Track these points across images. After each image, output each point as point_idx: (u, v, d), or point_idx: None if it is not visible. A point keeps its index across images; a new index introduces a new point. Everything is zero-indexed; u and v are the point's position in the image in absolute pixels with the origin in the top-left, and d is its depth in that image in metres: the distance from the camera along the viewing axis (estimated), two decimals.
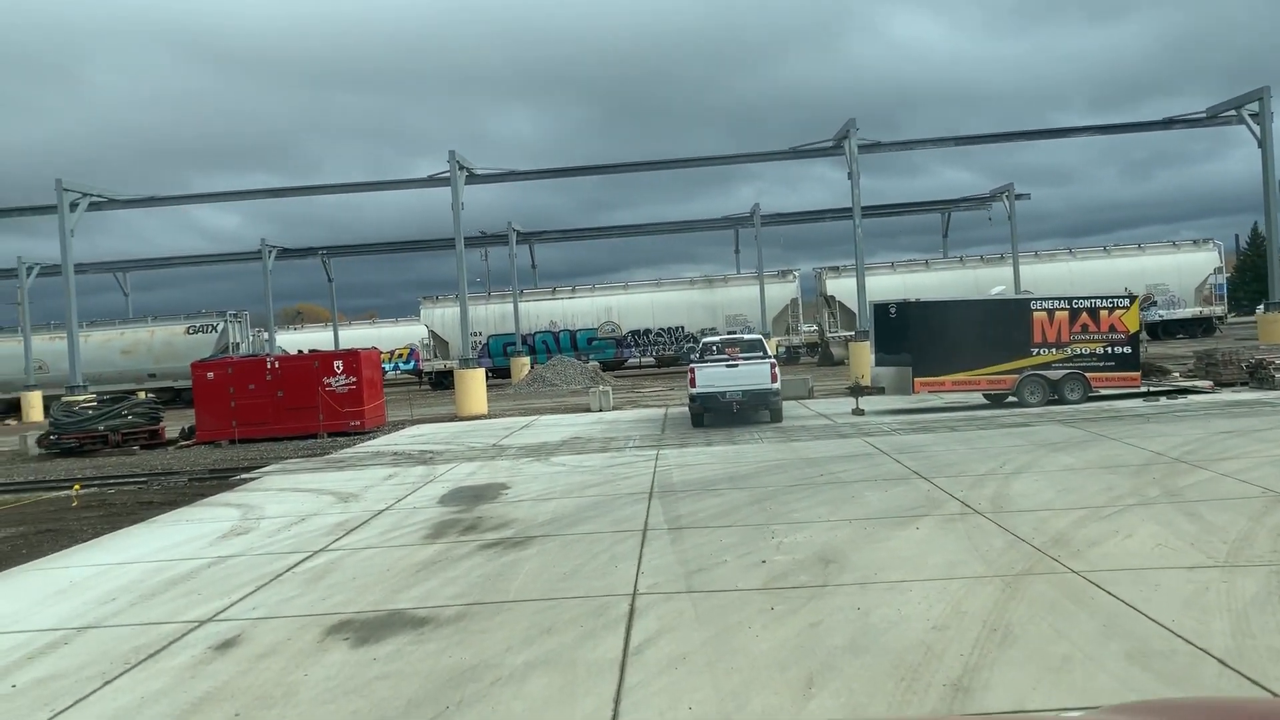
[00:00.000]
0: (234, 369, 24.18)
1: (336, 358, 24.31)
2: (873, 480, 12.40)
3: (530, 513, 11.52)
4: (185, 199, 30.20)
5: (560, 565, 8.78)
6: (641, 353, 46.50)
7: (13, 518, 14.03)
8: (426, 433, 23.63)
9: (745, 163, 30.47)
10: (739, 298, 45.39)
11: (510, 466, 15.95)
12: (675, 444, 17.58)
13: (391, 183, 29.96)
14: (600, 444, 18.40)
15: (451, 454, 18.48)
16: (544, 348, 46.42)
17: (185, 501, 14.57)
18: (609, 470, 14.66)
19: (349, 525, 11.50)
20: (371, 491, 14.16)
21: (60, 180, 26.86)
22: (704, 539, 9.51)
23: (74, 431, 23.37)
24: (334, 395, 23.96)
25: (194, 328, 45.84)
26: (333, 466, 17.75)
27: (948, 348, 20.23)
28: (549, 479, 14.19)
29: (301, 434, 23.79)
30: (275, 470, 17.92)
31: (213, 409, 24.03)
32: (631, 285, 46.62)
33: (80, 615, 8.12)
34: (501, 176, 29.52)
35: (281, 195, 30.36)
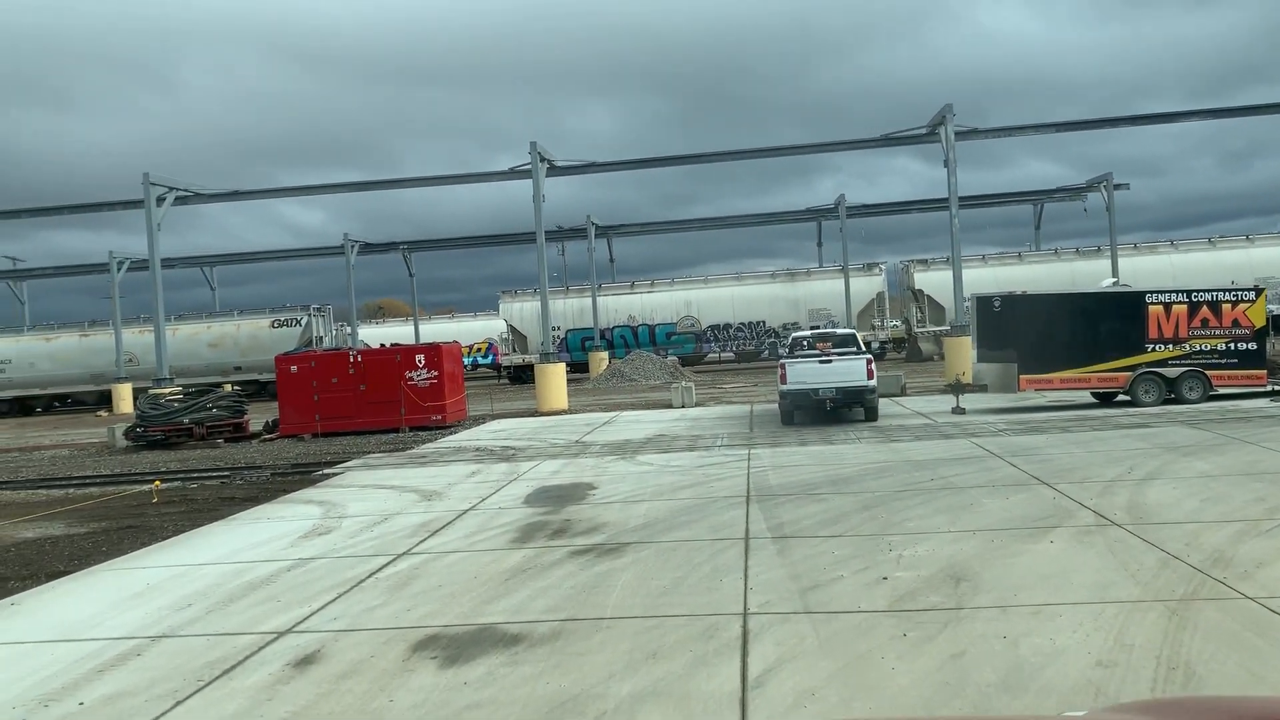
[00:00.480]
0: (317, 363, 24.05)
1: (418, 351, 24.01)
2: (989, 486, 11.48)
3: (621, 516, 10.87)
4: (268, 193, 30.31)
5: (659, 577, 8.10)
6: (721, 348, 45.67)
7: (96, 513, 13.86)
8: (507, 428, 23.19)
9: (832, 151, 29.49)
10: (822, 292, 44.26)
11: (595, 465, 15.34)
12: (767, 443, 16.79)
13: (473, 175, 29.64)
14: (687, 442, 17.70)
15: (534, 450, 17.96)
16: (622, 342, 45.88)
17: (267, 498, 14.26)
18: (700, 471, 13.96)
19: (433, 526, 10.99)
20: (455, 490, 13.67)
21: (147, 175, 27.08)
22: (813, 550, 8.75)
23: (159, 424, 23.47)
24: (416, 389, 23.67)
25: (279, 321, 46.31)
26: (415, 462, 17.36)
27: (1056, 343, 19.07)
28: (637, 479, 13.53)
29: (383, 428, 23.56)
30: (357, 465, 17.60)
31: (296, 403, 23.93)
32: (711, 279, 45.80)
33: (155, 622, 7.69)
34: (581, 168, 28.97)
35: (360, 189, 30.28)
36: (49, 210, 30.91)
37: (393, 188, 30.53)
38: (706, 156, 30.07)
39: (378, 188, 30.54)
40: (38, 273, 51.58)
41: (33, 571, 10.18)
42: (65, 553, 11.15)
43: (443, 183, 30.67)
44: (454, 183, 30.59)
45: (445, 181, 30.68)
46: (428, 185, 30.56)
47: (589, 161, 28.87)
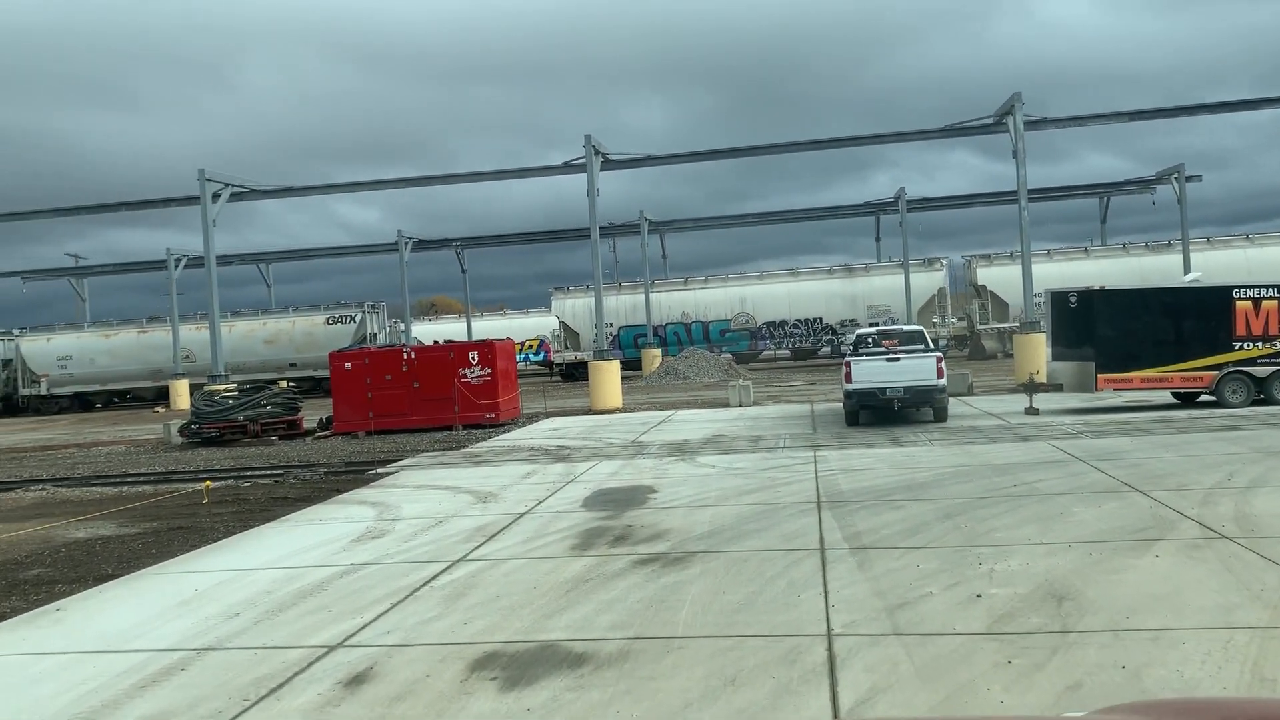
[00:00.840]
0: (370, 360, 23.83)
1: (472, 348, 23.69)
2: (1078, 493, 10.76)
3: (685, 522, 10.33)
4: (321, 189, 30.23)
5: (731, 591, 7.56)
6: (777, 345, 44.92)
7: (148, 512, 13.64)
8: (561, 426, 22.77)
9: (894, 143, 28.67)
10: (881, 288, 43.30)
11: (654, 467, 14.82)
12: (832, 445, 16.15)
13: (527, 170, 29.31)
14: (748, 443, 17.12)
15: (589, 450, 17.49)
16: (675, 339, 45.32)
17: (320, 498, 13.94)
18: (764, 474, 13.37)
19: (489, 530, 10.55)
20: (510, 491, 13.23)
21: (203, 170, 27.10)
22: (896, 563, 8.14)
23: (214, 421, 23.40)
24: (469, 386, 23.34)
25: (333, 318, 46.45)
26: (469, 462, 16.98)
27: (1137, 341, 18.17)
28: (699, 483, 12.99)
29: (436, 426, 23.27)
30: (411, 464, 17.27)
31: (350, 400, 23.73)
32: (766, 275, 45.03)
33: (201, 633, 7.32)
34: (636, 162, 28.47)
35: (412, 185, 30.05)
36: (107, 207, 31.18)
37: (446, 183, 30.31)
38: (763, 149, 29.41)
39: (430, 183, 30.32)
40: (97, 270, 52.36)
41: (81, 574, 9.91)
42: (115, 554, 10.89)
43: (496, 177, 30.37)
44: (508, 177, 30.28)
45: (499, 176, 30.38)
46: (481, 180, 30.28)
47: (643, 155, 28.37)
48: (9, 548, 11.70)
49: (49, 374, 47.37)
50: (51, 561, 10.73)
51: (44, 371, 47.40)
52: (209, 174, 27.40)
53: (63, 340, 47.54)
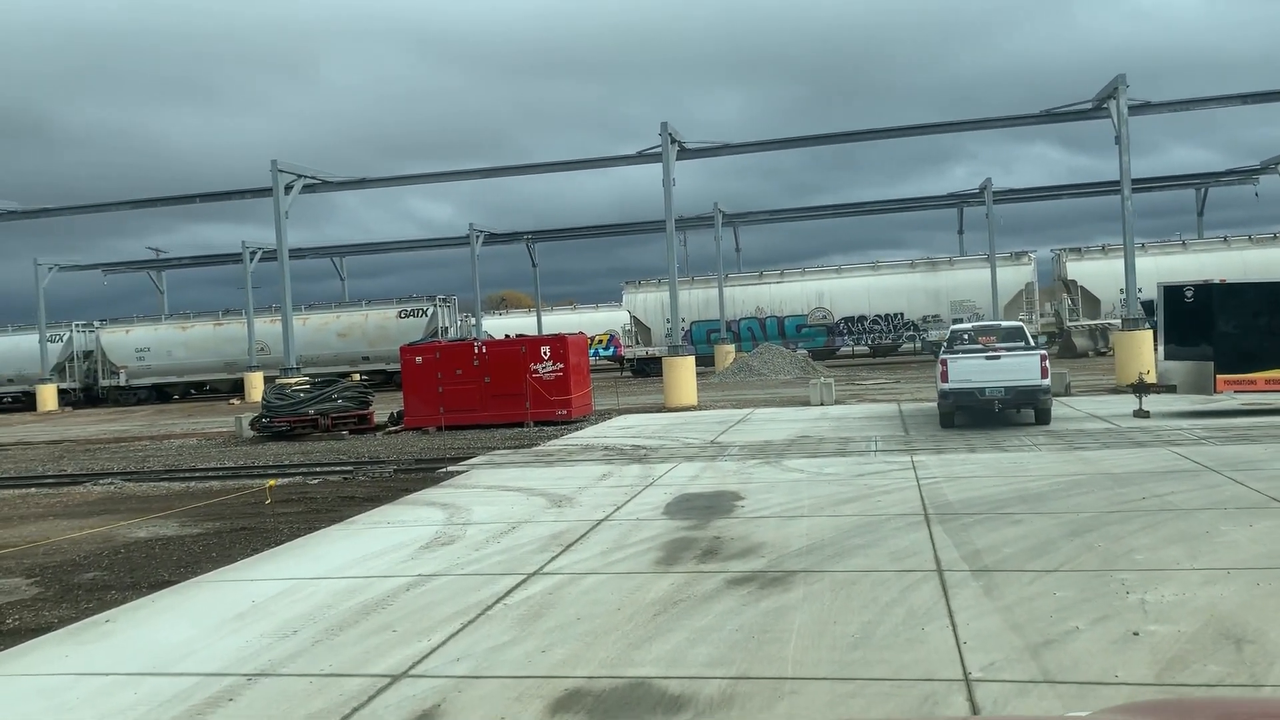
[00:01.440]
0: (441, 354, 23.30)
1: (543, 343, 23.02)
2: (1221, 509, 9.61)
3: (779, 535, 9.43)
4: (392, 180, 29.86)
5: (842, 620, 6.65)
6: (855, 341, 43.56)
7: (213, 511, 13.15)
8: (635, 424, 21.98)
9: (984, 129, 27.28)
10: (965, 282, 41.68)
11: (737, 470, 13.93)
12: (929, 448, 15.08)
13: (601, 160, 28.58)
14: (836, 445, 16.12)
15: (667, 451, 16.66)
16: (749, 335, 44.26)
17: (388, 498, 13.33)
18: (860, 481, 12.39)
19: (565, 539, 9.77)
20: (586, 495, 12.46)
21: (275, 161, 26.88)
22: (1028, 590, 7.16)
23: (285, 415, 23.09)
24: (541, 382, 22.67)
25: (405, 312, 46.33)
26: (541, 461, 16.27)
27: (1261, 338, 16.75)
28: (789, 489, 12.06)
29: (507, 422, 22.65)
30: (482, 463, 16.62)
31: (420, 394, 23.23)
32: (845, 269, 43.69)
33: (254, 655, 6.64)
34: (713, 150, 27.54)
35: (485, 176, 29.54)
36: (181, 199, 31.23)
37: (517, 174, 29.74)
38: (845, 136, 28.24)
39: (502, 174, 29.78)
40: (175, 263, 53.03)
41: (136, 580, 9.37)
42: (174, 558, 10.35)
43: (569, 168, 29.69)
44: (581, 168, 29.58)
45: (572, 167, 29.69)
46: (553, 170, 29.64)
47: (720, 143, 27.42)
48: (70, 547, 11.27)
49: (128, 365, 48.08)
50: (109, 564, 10.23)
51: (123, 363, 48.12)
52: (281, 165, 27.16)
53: (141, 332, 48.20)
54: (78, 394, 49.01)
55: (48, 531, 12.50)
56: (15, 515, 14.20)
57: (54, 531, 12.45)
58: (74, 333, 49.22)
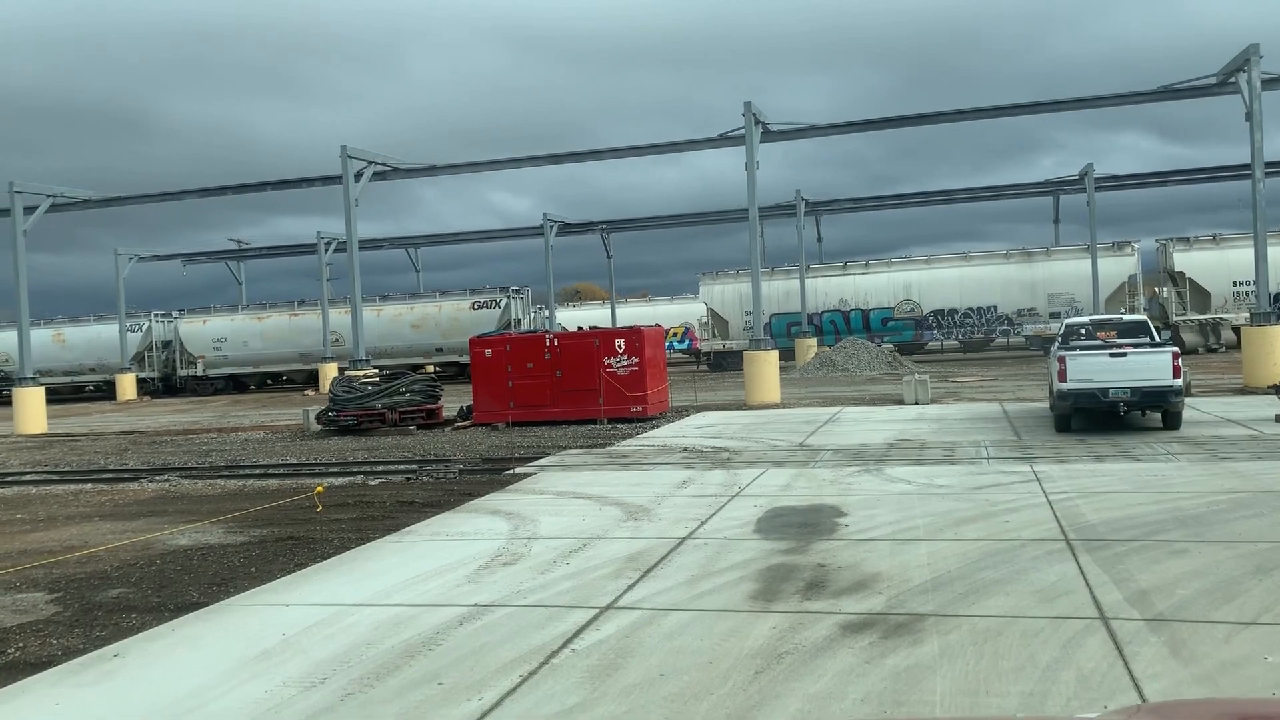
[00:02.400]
0: (512, 346, 22.23)
1: (618, 336, 21.80)
2: None
3: (895, 564, 8.03)
4: (464, 167, 28.93)
5: (997, 691, 5.25)
6: (945, 335, 41.50)
7: (262, 517, 12.18)
8: (715, 423, 20.64)
9: (1089, 108, 25.20)
10: (1063, 273, 39.37)
11: (834, 479, 12.50)
12: (1048, 456, 13.47)
13: (679, 144, 27.22)
14: (941, 451, 14.58)
15: (752, 454, 15.30)
16: (831, 328, 42.50)
17: (450, 503, 12.22)
18: (978, 496, 10.88)
19: (643, 561, 8.50)
20: (665, 505, 11.17)
21: (345, 147, 26.10)
22: (1228, 651, 5.67)
23: (351, 409, 22.26)
24: (615, 377, 21.46)
25: (478, 303, 45.61)
26: (616, 463, 15.04)
27: None
28: (897, 504, 10.62)
29: (580, 419, 21.49)
30: (552, 464, 15.46)
31: (490, 389, 22.20)
32: (934, 259, 41.61)
33: (271, 711, 5.49)
34: (798, 132, 25.98)
35: (558, 161, 28.39)
36: (252, 187, 30.71)
37: (590, 159, 28.54)
38: (940, 116, 26.39)
39: (574, 159, 28.61)
40: (252, 254, 53.12)
41: (163, 600, 8.35)
42: (209, 572, 9.34)
43: (644, 153, 28.40)
44: (657, 152, 28.26)
45: (647, 151, 28.39)
46: (628, 156, 28.38)
47: (805, 124, 25.85)
48: (105, 556, 10.36)
49: (205, 355, 48.23)
50: (139, 578, 9.25)
51: (200, 353, 48.29)
52: (351, 151, 26.37)
53: (218, 322, 48.31)
54: (156, 383, 49.35)
55: (88, 536, 11.65)
56: (62, 515, 13.43)
57: (94, 536, 11.60)
58: (153, 323, 49.56)
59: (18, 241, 28.05)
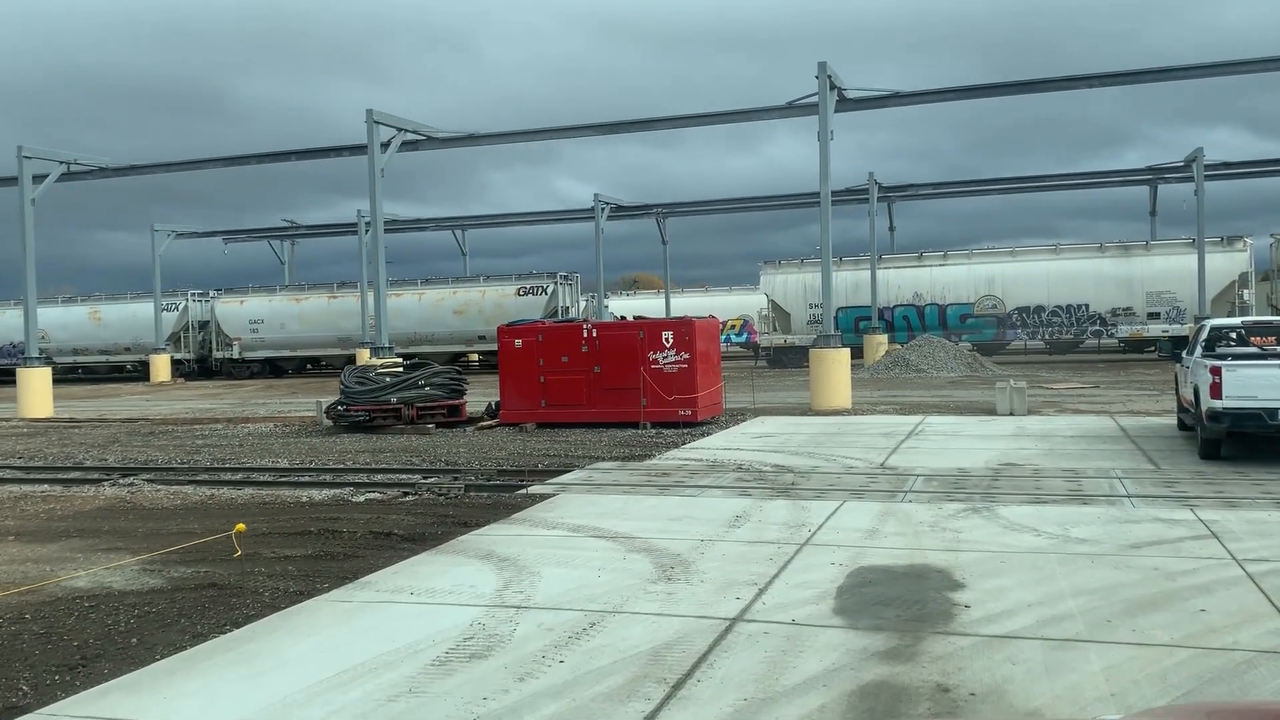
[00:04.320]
0: (544, 337, 19.55)
1: (665, 327, 18.99)
2: None
3: (1059, 690, 5.17)
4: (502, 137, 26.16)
5: None
6: (1030, 335, 37.96)
7: (194, 553, 9.59)
8: (775, 431, 17.78)
9: (1227, 74, 21.80)
10: (1164, 270, 35.64)
11: (934, 521, 9.60)
12: (1208, 496, 10.41)
13: (745, 112, 24.23)
14: (1065, 483, 11.58)
15: (822, 478, 12.45)
16: (904, 324, 39.21)
17: (435, 538, 9.57)
18: (1138, 557, 7.92)
19: (673, 667, 5.73)
20: (711, 556, 8.39)
21: (371, 111, 23.60)
22: None
23: (363, 403, 19.78)
24: (661, 375, 18.68)
25: (524, 289, 43.12)
26: (654, 484, 12.29)
27: None
28: (1030, 568, 7.70)
29: (619, 422, 18.76)
30: (577, 482, 12.75)
31: (519, 384, 19.57)
32: (1019, 251, 38.05)
33: None
34: (878, 101, 22.90)
35: (612, 131, 25.63)
36: (274, 156, 28.34)
37: (645, 129, 25.71)
38: (1036, 85, 23.05)
39: (627, 130, 25.79)
40: (292, 232, 51.15)
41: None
42: (82, 638, 6.79)
43: (704, 122, 25.49)
44: (716, 122, 25.32)
45: (707, 121, 25.46)
46: (687, 125, 25.49)
47: (888, 91, 22.75)
48: None
49: (241, 338, 46.41)
50: None
51: (236, 335, 46.48)
52: (378, 116, 23.86)
53: (255, 303, 46.43)
54: (191, 365, 47.67)
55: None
56: None
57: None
58: (189, 302, 47.87)
59: (25, 210, 26.06)
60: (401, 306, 44.45)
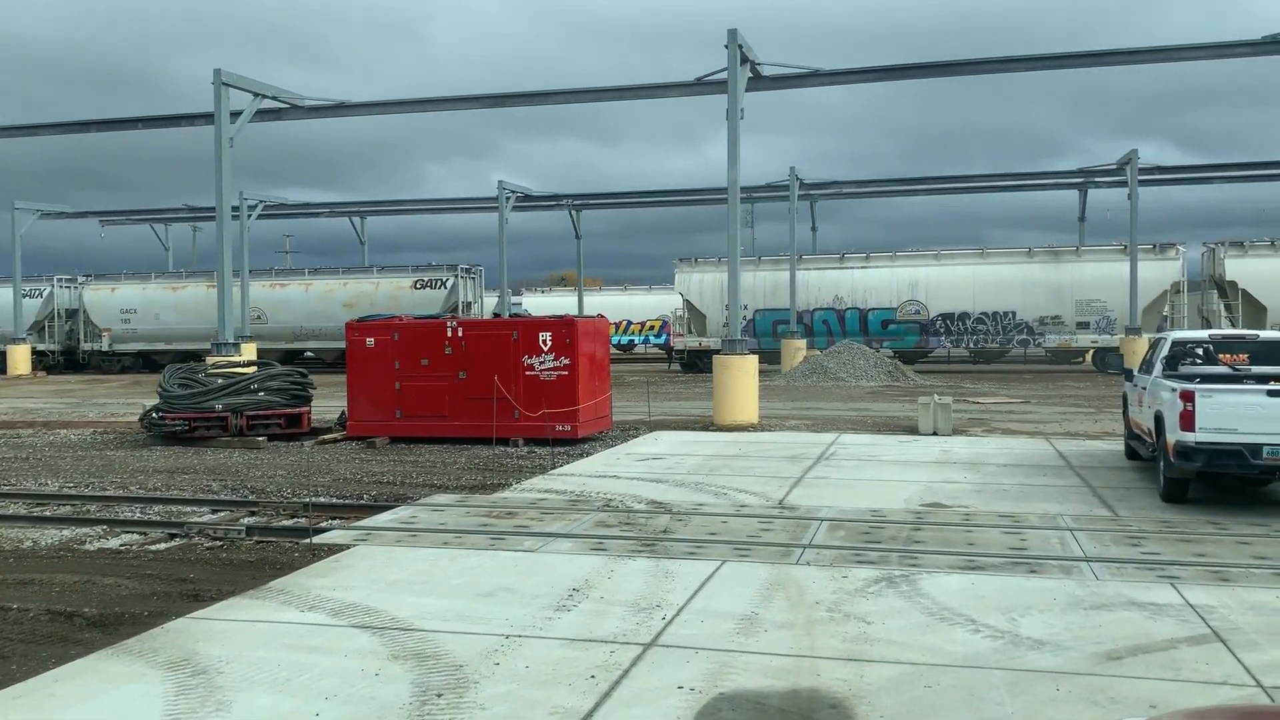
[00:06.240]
0: (401, 335, 16.69)
1: (543, 327, 16.28)
2: None
3: None
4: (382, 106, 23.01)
5: None
6: (954, 342, 36.04)
7: None
8: (667, 452, 15.20)
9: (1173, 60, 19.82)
10: (1095, 278, 33.94)
11: (834, 603, 7.06)
12: (1189, 562, 8.03)
13: (649, 88, 21.52)
14: (1003, 536, 9.14)
15: (703, 523, 9.87)
16: (824, 329, 37.03)
17: (130, 626, 6.76)
18: (1120, 680, 5.44)
19: None
20: (508, 667, 5.74)
21: (219, 71, 20.43)
22: None
23: (184, 410, 16.69)
24: (537, 383, 15.98)
25: (421, 282, 39.98)
26: (488, 531, 9.58)
27: None
28: (967, 698, 5.19)
29: (488, 437, 15.99)
30: (392, 525, 9.99)
31: (370, 391, 16.69)
32: (945, 254, 36.03)
33: None
34: (796, 79, 20.48)
35: (503, 104, 22.52)
36: (121, 123, 24.89)
37: (534, 103, 22.78)
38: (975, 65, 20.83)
39: (515, 103, 22.88)
40: (172, 215, 47.16)
41: None
42: None
43: (612, 97, 22.76)
44: (618, 98, 22.59)
45: (611, 97, 22.76)
46: (592, 100, 22.75)
47: (807, 69, 20.31)
48: None
49: (111, 328, 42.40)
50: None
51: (106, 325, 42.46)
52: (227, 77, 20.68)
53: (127, 292, 42.47)
54: (56, 357, 43.50)
55: None
56: None
57: None
58: (55, 288, 43.68)
59: None
60: (287, 298, 41.05)
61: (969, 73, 20.66)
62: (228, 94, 21.01)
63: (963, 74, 20.74)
